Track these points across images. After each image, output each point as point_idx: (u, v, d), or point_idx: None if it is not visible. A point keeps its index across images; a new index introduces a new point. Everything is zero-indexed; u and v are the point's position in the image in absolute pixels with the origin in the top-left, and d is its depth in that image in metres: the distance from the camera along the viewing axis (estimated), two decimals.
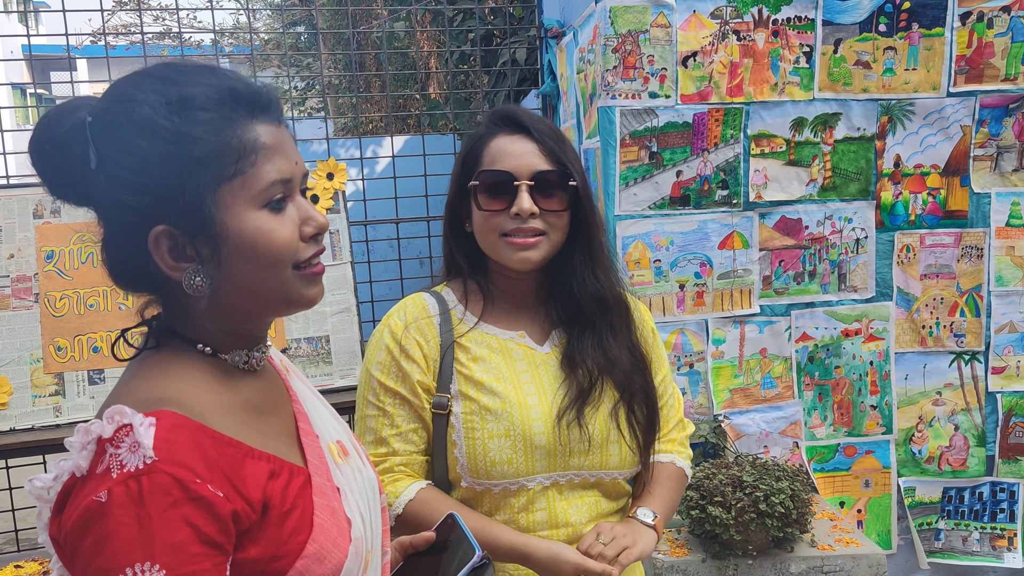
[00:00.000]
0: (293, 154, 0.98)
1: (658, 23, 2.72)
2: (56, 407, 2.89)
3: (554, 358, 1.55)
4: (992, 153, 2.88)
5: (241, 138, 0.93)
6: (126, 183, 0.90)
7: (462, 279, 1.60)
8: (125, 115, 0.90)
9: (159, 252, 0.92)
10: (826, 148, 2.83)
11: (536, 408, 1.47)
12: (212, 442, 0.88)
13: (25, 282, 2.93)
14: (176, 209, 0.91)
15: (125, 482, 0.82)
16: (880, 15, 2.78)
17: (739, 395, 2.88)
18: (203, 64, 0.99)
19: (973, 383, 2.94)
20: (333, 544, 0.95)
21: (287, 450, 1.00)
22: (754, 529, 2.37)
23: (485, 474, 1.45)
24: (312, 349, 3.14)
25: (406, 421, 1.50)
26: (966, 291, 2.91)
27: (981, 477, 2.96)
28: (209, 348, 0.98)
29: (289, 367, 1.14)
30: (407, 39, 7.48)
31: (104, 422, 0.86)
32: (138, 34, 3.92)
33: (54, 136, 0.91)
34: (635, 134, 2.74)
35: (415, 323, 1.52)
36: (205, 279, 0.93)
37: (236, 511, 0.87)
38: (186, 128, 0.90)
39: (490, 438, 1.45)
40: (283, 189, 0.96)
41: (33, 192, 3.01)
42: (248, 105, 0.95)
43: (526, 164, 1.48)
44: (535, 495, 1.47)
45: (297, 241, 0.97)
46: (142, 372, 0.95)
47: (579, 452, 1.48)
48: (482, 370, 1.50)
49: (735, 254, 2.84)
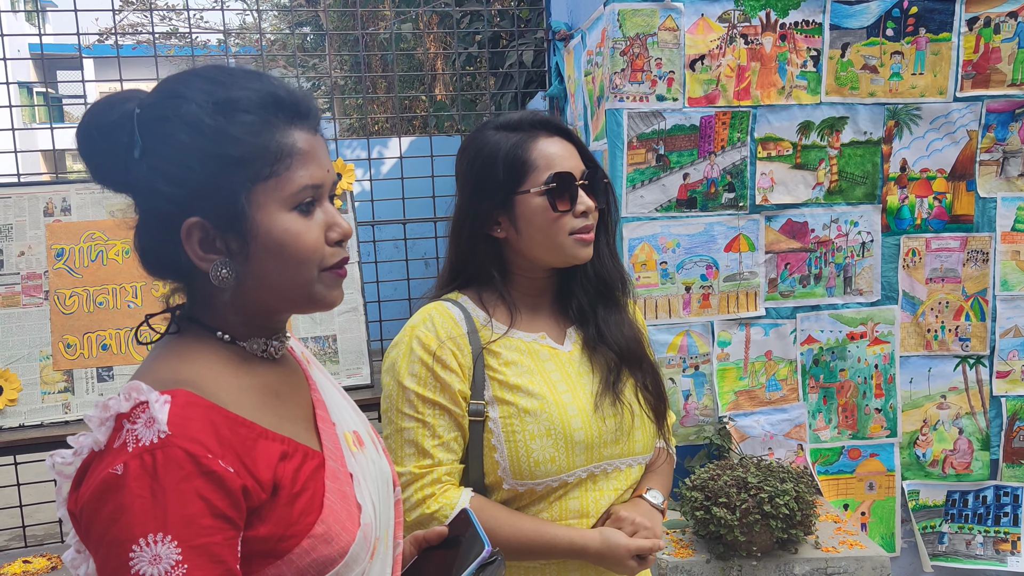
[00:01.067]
0: (325, 162, 1.02)
1: (666, 26, 2.73)
2: (65, 404, 2.91)
3: (576, 354, 1.60)
4: (998, 158, 2.89)
5: (279, 142, 0.97)
6: (166, 174, 0.94)
7: (477, 286, 1.61)
8: (173, 110, 0.95)
9: (190, 242, 0.96)
10: (833, 152, 2.84)
11: (572, 405, 1.52)
12: (225, 421, 0.91)
13: (35, 279, 2.95)
14: (210, 203, 0.95)
15: (140, 456, 0.85)
16: (887, 20, 2.80)
17: (744, 397, 2.89)
18: (251, 70, 1.03)
19: (978, 387, 2.95)
20: (341, 527, 0.97)
21: (304, 434, 1.02)
22: (758, 530, 2.38)
23: (529, 474, 1.49)
24: (319, 348, 3.16)
25: (447, 430, 1.51)
26: (971, 295, 2.92)
27: (985, 481, 2.97)
28: (228, 336, 1.01)
29: (310, 359, 1.17)
30: (414, 40, 7.50)
31: (122, 398, 0.89)
32: (145, 34, 3.94)
33: (102, 124, 0.96)
34: (642, 137, 2.76)
35: (447, 333, 1.53)
36: (231, 272, 0.97)
37: (246, 486, 0.90)
38: (228, 128, 0.95)
39: (531, 439, 1.49)
40: (313, 194, 1.00)
41: (43, 190, 3.03)
42: (289, 111, 0.99)
43: (576, 165, 1.55)
44: (572, 488, 1.53)
45: (323, 245, 1.00)
46: (163, 355, 0.99)
47: (611, 442, 1.54)
48: (515, 374, 1.53)
49: (741, 257, 2.85)
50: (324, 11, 8.36)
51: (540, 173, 1.53)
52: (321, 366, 1.19)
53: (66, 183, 3.07)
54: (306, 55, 10.52)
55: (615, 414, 1.55)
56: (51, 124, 3.61)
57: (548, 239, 1.54)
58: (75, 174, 4.14)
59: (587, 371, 1.58)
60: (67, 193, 3.02)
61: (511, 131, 1.57)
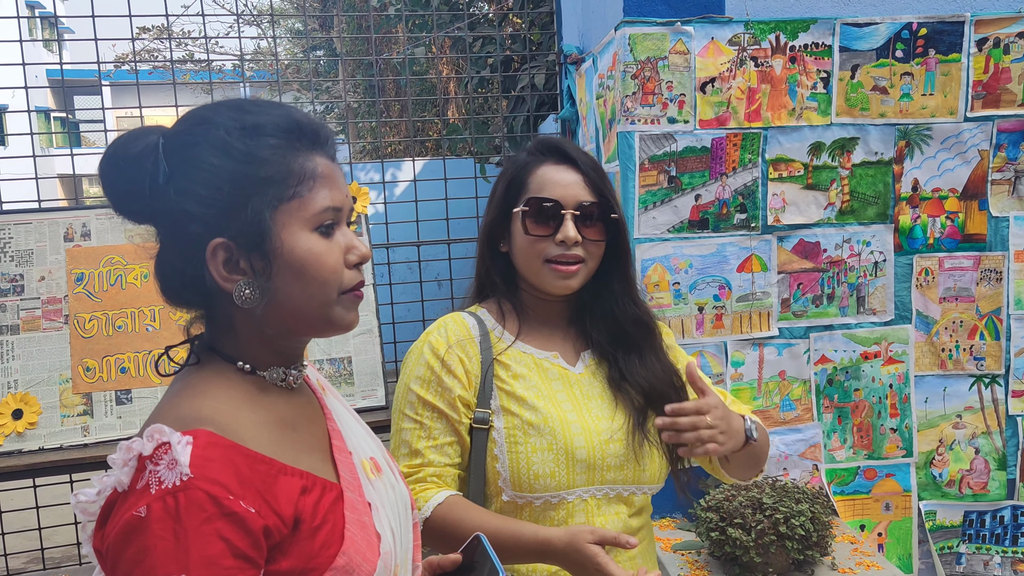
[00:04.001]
0: (343, 187, 1.06)
1: (676, 50, 2.76)
2: (84, 427, 2.94)
3: (587, 376, 1.61)
4: (1010, 177, 2.89)
5: (303, 164, 1.01)
6: (195, 195, 0.98)
7: (496, 299, 1.66)
8: (202, 135, 0.99)
9: (215, 263, 0.99)
10: (844, 172, 2.85)
11: (576, 423, 1.52)
12: (245, 460, 0.93)
13: (55, 304, 2.99)
14: (237, 223, 0.98)
15: (163, 498, 0.87)
16: (897, 41, 2.82)
17: (758, 417, 2.88)
18: (272, 101, 1.09)
19: (993, 406, 2.94)
20: (362, 558, 0.98)
21: (320, 466, 1.04)
22: (774, 551, 2.38)
23: (528, 487, 1.50)
24: (335, 370, 3.18)
25: (442, 434, 1.54)
26: (985, 314, 2.91)
27: (1002, 501, 2.95)
28: (248, 365, 1.03)
29: (326, 386, 1.18)
30: (427, 64, 7.56)
31: (144, 440, 0.91)
32: (162, 61, 4.00)
33: (127, 154, 1.00)
34: (654, 159, 2.78)
35: (457, 340, 1.57)
36: (255, 292, 0.99)
37: (267, 526, 0.91)
38: (255, 150, 0.99)
39: (533, 452, 1.50)
40: (334, 216, 1.03)
41: (63, 216, 3.08)
42: (310, 137, 1.03)
43: (572, 194, 1.54)
44: (574, 508, 1.52)
45: (343, 267, 1.03)
46: (183, 391, 1.01)
47: (616, 466, 1.53)
48: (523, 387, 1.55)
49: (754, 277, 2.86)
50: (338, 36, 8.45)
51: (529, 195, 1.57)
52: (336, 392, 1.21)
53: (86, 208, 3.11)
54: (320, 79, 10.63)
55: (624, 439, 1.55)
56: (71, 150, 3.66)
57: (527, 262, 1.58)
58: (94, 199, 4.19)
59: (597, 394, 1.59)
60: (87, 218, 3.06)
61: (532, 153, 1.62)
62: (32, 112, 3.53)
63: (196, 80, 10.85)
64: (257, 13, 12.77)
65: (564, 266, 1.54)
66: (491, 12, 7.02)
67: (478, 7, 7.57)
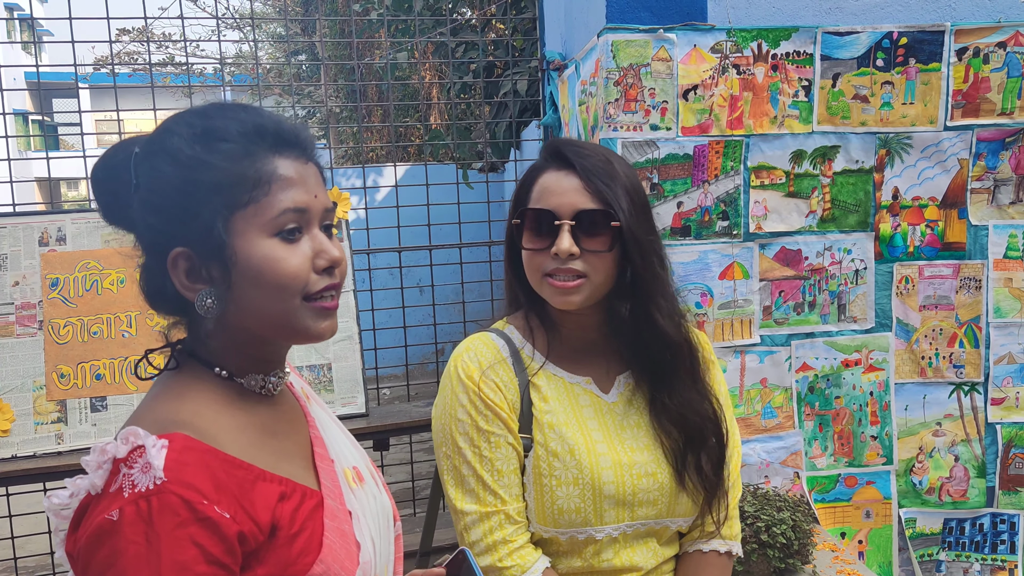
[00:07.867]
0: (314, 188, 1.02)
1: (659, 57, 2.76)
2: (58, 434, 2.89)
3: (620, 406, 1.49)
4: (989, 186, 2.91)
5: (258, 169, 0.98)
6: (152, 205, 0.97)
7: (523, 312, 1.54)
8: (160, 144, 0.98)
9: (176, 272, 0.98)
10: (825, 180, 2.86)
11: (606, 456, 1.41)
12: (222, 464, 0.91)
13: (30, 309, 2.94)
14: (192, 232, 0.96)
15: (136, 502, 0.85)
16: (878, 50, 2.83)
17: (740, 425, 2.88)
18: (243, 104, 1.05)
19: (973, 414, 2.95)
20: (340, 566, 0.97)
21: (302, 473, 1.02)
22: (755, 560, 2.37)
23: (553, 522, 1.40)
24: (314, 376, 3.15)
25: (505, 463, 1.42)
26: (965, 322, 2.93)
27: (982, 508, 2.96)
28: (225, 372, 1.01)
29: (310, 394, 1.17)
30: (409, 69, 7.55)
31: (119, 442, 0.89)
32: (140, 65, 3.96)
33: (109, 166, 1.00)
34: (636, 165, 2.77)
35: (490, 364, 1.45)
36: (215, 301, 0.97)
37: (243, 532, 0.89)
38: (205, 156, 0.96)
39: (559, 485, 1.39)
40: (297, 219, 0.99)
41: (38, 220, 3.03)
42: (272, 140, 1.00)
43: (568, 202, 1.41)
44: (602, 546, 1.42)
45: (308, 272, 1.00)
46: (161, 394, 1.00)
47: (648, 502, 1.44)
48: (551, 412, 1.44)
49: (735, 284, 2.86)
50: (320, 40, 8.44)
51: (526, 206, 1.47)
52: (320, 400, 1.19)
53: (61, 212, 3.07)
54: (302, 84, 10.58)
55: (658, 472, 1.44)
56: (47, 153, 3.62)
57: (530, 276, 1.48)
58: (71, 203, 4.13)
59: (632, 424, 1.48)
60: (62, 223, 3.02)
61: (541, 158, 1.52)
62: (9, 115, 3.49)
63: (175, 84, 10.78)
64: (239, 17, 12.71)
65: (561, 281, 1.41)
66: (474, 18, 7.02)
67: (461, 12, 7.56)
